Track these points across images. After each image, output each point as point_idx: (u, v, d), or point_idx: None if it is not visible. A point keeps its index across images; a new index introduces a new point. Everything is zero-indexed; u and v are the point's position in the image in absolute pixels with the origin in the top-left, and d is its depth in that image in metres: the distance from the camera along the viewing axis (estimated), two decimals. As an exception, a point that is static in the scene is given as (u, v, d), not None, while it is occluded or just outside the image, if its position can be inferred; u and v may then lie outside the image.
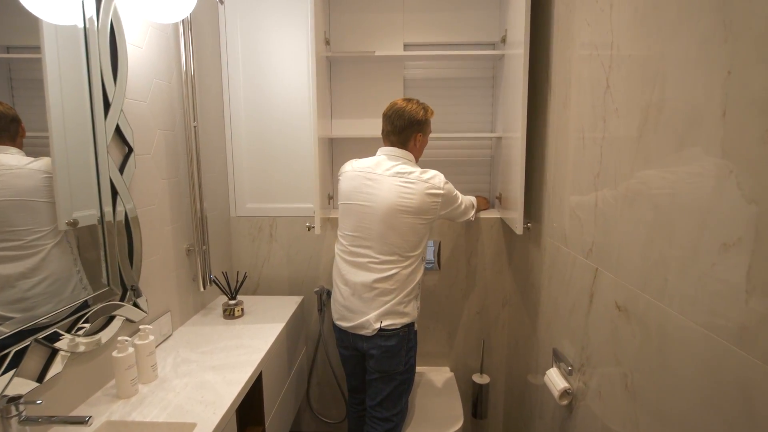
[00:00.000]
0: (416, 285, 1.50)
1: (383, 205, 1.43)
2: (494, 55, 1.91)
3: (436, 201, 1.45)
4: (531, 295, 1.68)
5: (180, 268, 1.58)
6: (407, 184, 1.43)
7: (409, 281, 1.48)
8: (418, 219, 1.44)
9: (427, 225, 1.48)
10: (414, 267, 1.48)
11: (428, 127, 1.55)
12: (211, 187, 1.84)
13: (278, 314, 1.72)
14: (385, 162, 1.48)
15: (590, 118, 1.15)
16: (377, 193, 1.45)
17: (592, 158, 1.14)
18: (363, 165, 1.50)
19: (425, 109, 1.52)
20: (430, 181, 1.44)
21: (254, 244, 2.04)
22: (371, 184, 1.46)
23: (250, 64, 1.94)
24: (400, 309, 1.46)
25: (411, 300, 1.49)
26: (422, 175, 1.45)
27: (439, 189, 1.45)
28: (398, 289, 1.46)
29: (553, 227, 1.46)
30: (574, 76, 1.27)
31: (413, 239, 1.46)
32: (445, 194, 1.46)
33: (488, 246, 1.97)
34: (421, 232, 1.48)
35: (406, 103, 1.50)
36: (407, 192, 1.42)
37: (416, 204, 1.42)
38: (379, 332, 1.44)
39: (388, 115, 1.50)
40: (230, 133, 1.97)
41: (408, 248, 1.46)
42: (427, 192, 1.43)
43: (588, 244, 1.17)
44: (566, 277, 1.32)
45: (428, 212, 1.45)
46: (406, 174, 1.44)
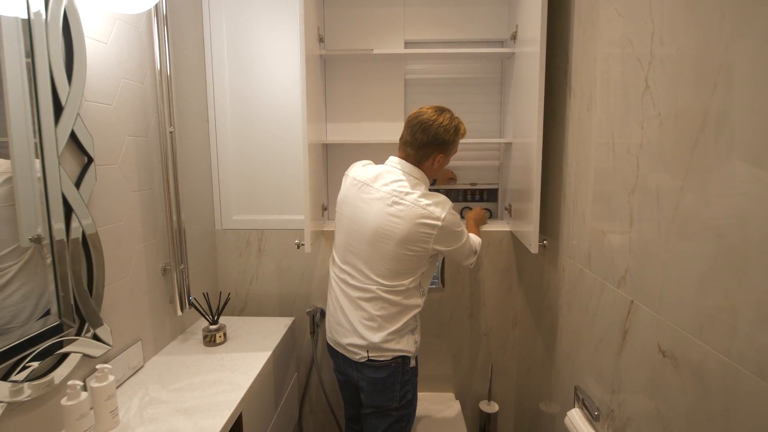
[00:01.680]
0: (411, 319, 1.29)
1: (370, 227, 1.25)
2: (503, 53, 1.74)
3: (429, 233, 1.21)
4: (546, 319, 1.51)
5: (154, 290, 1.41)
6: (397, 206, 1.22)
7: (401, 314, 1.27)
8: (403, 249, 1.22)
9: (418, 258, 1.24)
10: (405, 299, 1.27)
11: (454, 148, 1.31)
12: (192, 198, 1.67)
13: (265, 339, 1.55)
14: (386, 175, 1.28)
15: (623, 124, 0.98)
16: (366, 214, 1.27)
17: (626, 170, 0.97)
18: (364, 175, 1.32)
19: (457, 129, 1.28)
20: (427, 207, 1.21)
21: (241, 259, 1.87)
22: (365, 199, 1.28)
23: (237, 63, 1.77)
24: (391, 346, 1.27)
25: (406, 335, 1.30)
26: (420, 199, 1.21)
27: (436, 220, 1.21)
28: (386, 318, 1.26)
29: (572, 245, 1.29)
30: (600, 75, 1.10)
31: (401, 269, 1.25)
32: (444, 227, 1.22)
33: (496, 261, 1.81)
34: (409, 265, 1.25)
35: (437, 115, 1.26)
36: (394, 216, 1.21)
37: (402, 231, 1.20)
38: (368, 361, 1.28)
39: (412, 124, 1.27)
40: (215, 139, 1.81)
41: (395, 278, 1.25)
42: (420, 221, 1.20)
43: (620, 270, 1.00)
44: (591, 306, 1.15)
45: (416, 243, 1.21)
46: (402, 194, 1.23)
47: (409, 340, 1.30)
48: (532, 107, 1.36)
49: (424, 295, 1.33)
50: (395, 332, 1.27)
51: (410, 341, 1.31)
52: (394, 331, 1.26)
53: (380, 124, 1.88)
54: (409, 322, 1.29)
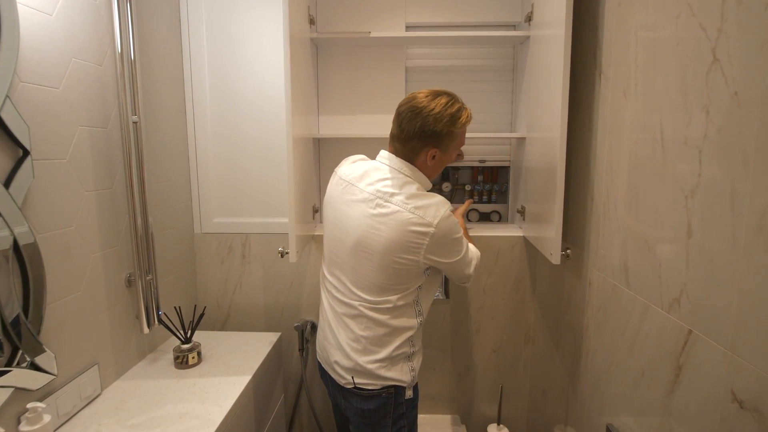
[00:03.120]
0: (404, 344, 1.08)
1: (352, 234, 1.05)
2: (516, 37, 1.55)
3: (419, 242, 0.99)
4: (567, 339, 1.32)
5: (116, 304, 1.22)
6: (381, 209, 1.01)
7: (389, 337, 1.06)
8: (389, 260, 1.00)
9: (407, 271, 1.02)
10: (393, 319, 1.05)
11: (453, 140, 1.05)
12: (166, 198, 1.48)
13: (246, 360, 1.36)
14: (373, 173, 1.07)
15: (677, 110, 0.79)
16: (348, 218, 1.07)
17: (683, 167, 0.78)
18: (351, 173, 1.11)
19: (453, 118, 1.01)
20: (418, 211, 0.99)
21: (223, 266, 1.68)
22: (348, 201, 1.07)
23: (217, 46, 1.58)
24: (382, 373, 1.07)
25: (399, 362, 1.09)
26: (408, 201, 1.00)
27: (427, 226, 0.98)
28: (372, 341, 1.06)
29: (600, 255, 1.10)
30: (642, 52, 0.91)
31: (388, 284, 1.03)
32: (437, 235, 0.99)
33: (508, 270, 1.62)
34: (397, 279, 1.03)
35: (430, 99, 1.01)
36: (377, 221, 1.01)
37: (386, 239, 0.99)
38: (355, 389, 1.09)
39: (399, 112, 1.05)
40: (193, 132, 1.62)
41: (380, 293, 1.04)
42: (408, 227, 0.98)
43: (672, 291, 0.81)
44: (629, 331, 0.96)
45: (404, 254, 1.00)
46: (386, 196, 1.01)
47: (403, 368, 1.09)
48: (554, 97, 1.17)
49: (421, 315, 1.10)
50: (386, 359, 1.06)
51: (405, 369, 1.09)
52: (384, 357, 1.06)
53: (378, 117, 1.69)
54: (402, 347, 1.08)
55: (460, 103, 1.04)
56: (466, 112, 1.04)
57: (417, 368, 1.13)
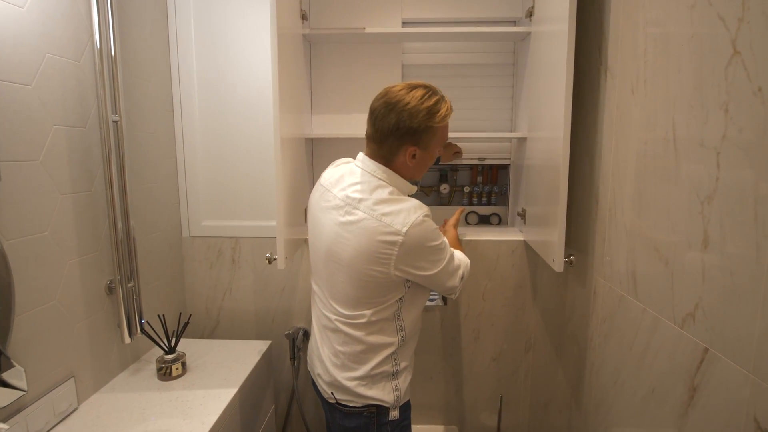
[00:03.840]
0: (386, 361, 0.99)
1: (324, 243, 0.99)
2: (516, 33, 1.49)
3: (387, 252, 0.89)
4: (570, 350, 1.26)
5: (95, 313, 1.16)
6: (348, 216, 0.93)
7: (366, 354, 0.98)
8: (357, 272, 0.92)
9: (378, 284, 0.93)
10: (368, 335, 0.97)
11: (433, 137, 0.96)
12: (153, 200, 1.42)
13: (233, 371, 1.29)
14: (347, 177, 0.99)
15: (692, 107, 0.73)
16: (322, 227, 0.99)
17: (698, 170, 0.71)
18: (329, 177, 1.04)
19: (431, 112, 0.92)
20: (385, 218, 0.89)
21: (212, 271, 1.62)
22: (323, 208, 1.00)
23: (207, 43, 1.52)
24: (361, 392, 0.99)
25: (381, 380, 1.00)
26: (376, 207, 0.91)
27: (395, 234, 0.88)
28: (350, 357, 0.99)
29: (606, 262, 1.04)
30: (652, 46, 0.85)
31: (361, 297, 0.95)
32: (406, 243, 0.89)
33: (507, 276, 1.55)
34: (370, 292, 0.94)
35: (405, 92, 0.93)
36: (345, 229, 0.93)
37: (352, 249, 0.92)
38: (337, 404, 1.02)
39: (373, 109, 0.96)
40: (181, 132, 1.55)
41: (355, 307, 0.96)
42: (375, 237, 0.89)
43: (686, 304, 0.74)
44: (638, 345, 0.90)
45: (373, 265, 0.91)
46: (355, 202, 0.93)
47: (386, 387, 1.00)
48: (557, 96, 1.10)
49: (403, 330, 1.00)
50: (365, 377, 0.99)
51: (387, 388, 1.00)
52: (362, 375, 0.98)
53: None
54: (383, 366, 0.99)
55: (438, 95, 0.96)
56: (445, 105, 0.95)
57: (404, 387, 1.03)
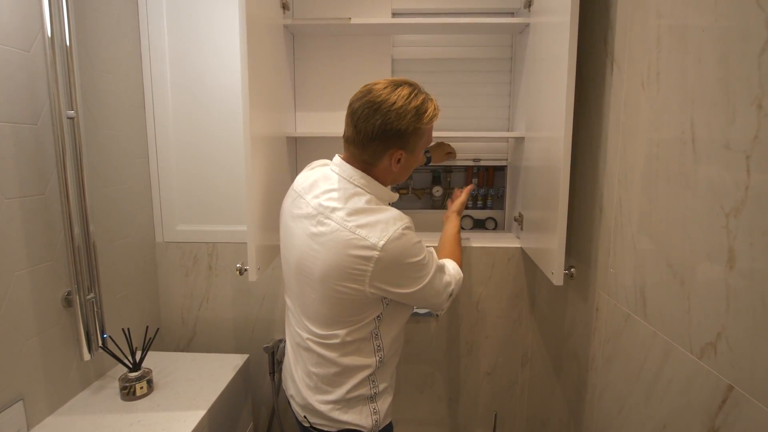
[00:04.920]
0: (362, 384, 0.90)
1: (294, 256, 0.90)
2: (514, 24, 1.38)
3: (361, 269, 0.80)
4: (569, 368, 1.16)
5: (50, 328, 1.06)
6: (321, 227, 0.84)
7: (341, 377, 0.89)
8: (329, 289, 0.83)
9: (352, 302, 0.84)
10: (343, 356, 0.88)
11: (422, 139, 0.87)
12: (119, 203, 1.31)
13: (204, 389, 1.19)
14: (321, 182, 0.89)
15: (714, 104, 0.63)
16: (292, 237, 0.90)
17: (722, 176, 0.61)
18: (303, 182, 0.94)
19: (418, 112, 0.83)
20: (360, 230, 0.80)
21: (188, 279, 1.51)
22: (295, 216, 0.90)
23: (181, 35, 1.41)
24: (336, 416, 0.90)
25: (358, 404, 0.91)
26: (350, 218, 0.81)
27: (371, 249, 0.79)
28: (324, 379, 0.90)
29: (609, 276, 0.94)
30: (666, 34, 0.75)
31: (333, 315, 0.86)
32: (383, 259, 0.79)
33: (503, 285, 1.45)
34: (343, 310, 0.85)
35: (389, 91, 0.82)
36: (316, 241, 0.84)
37: (323, 264, 0.82)
38: (311, 428, 0.94)
39: (353, 110, 0.84)
40: (153, 130, 1.45)
41: (328, 326, 0.87)
42: (348, 251, 0.80)
43: (706, 333, 0.64)
44: (647, 372, 0.80)
45: (345, 282, 0.82)
46: (327, 211, 0.84)
47: (363, 411, 0.91)
48: (558, 92, 1.00)
49: (381, 350, 0.91)
50: (340, 401, 0.90)
51: (365, 412, 0.92)
52: (337, 399, 0.89)
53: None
54: (359, 389, 0.90)
55: (424, 93, 0.86)
56: (432, 105, 0.86)
57: (383, 410, 0.94)
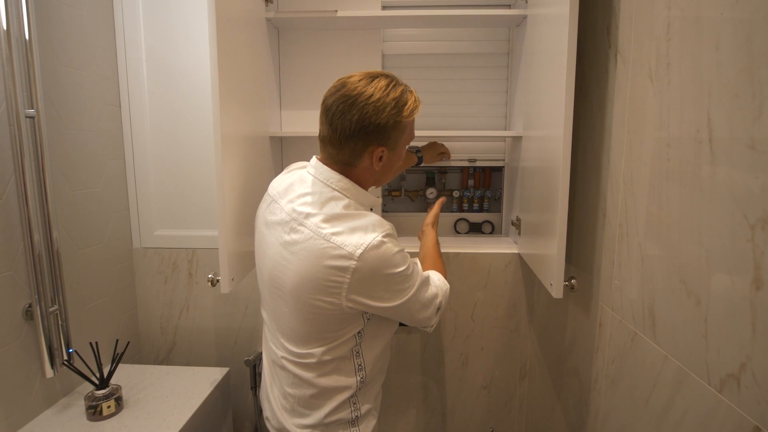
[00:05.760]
0: (342, 406, 0.82)
1: (267, 266, 0.82)
2: (511, 17, 1.30)
3: (339, 279, 0.72)
4: (570, 386, 1.07)
5: (9, 342, 0.98)
6: (294, 234, 0.76)
7: (319, 399, 0.81)
8: (302, 300, 0.75)
9: (328, 317, 0.76)
10: (320, 377, 0.80)
11: (403, 134, 0.79)
12: (90, 208, 1.24)
13: (178, 407, 1.11)
14: (297, 186, 0.82)
15: (735, 97, 0.54)
16: (266, 246, 0.83)
17: (746, 182, 0.52)
18: (279, 185, 0.87)
19: (398, 105, 0.76)
20: (335, 238, 0.72)
21: (167, 286, 1.44)
22: (269, 223, 0.83)
23: (160, 29, 1.33)
24: None
25: (338, 429, 0.83)
26: (328, 224, 0.74)
27: (347, 258, 0.71)
28: (300, 401, 0.82)
29: (613, 288, 0.85)
30: (678, 19, 0.66)
31: (308, 332, 0.78)
32: (360, 270, 0.72)
33: (500, 293, 1.37)
34: (318, 326, 0.78)
35: (365, 84, 0.75)
36: (289, 248, 0.76)
37: (297, 273, 0.74)
38: None
39: (327, 106, 0.77)
40: (129, 130, 1.37)
41: (303, 343, 0.80)
42: (324, 261, 0.72)
43: (727, 362, 0.56)
44: (657, 400, 0.71)
45: (320, 293, 0.74)
46: (301, 217, 0.76)
47: None
48: (557, 87, 0.92)
49: (362, 370, 0.83)
50: (318, 426, 0.81)
51: None
52: (314, 424, 0.81)
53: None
54: (339, 412, 0.82)
55: (403, 85, 0.79)
56: (412, 96, 0.79)
57: None
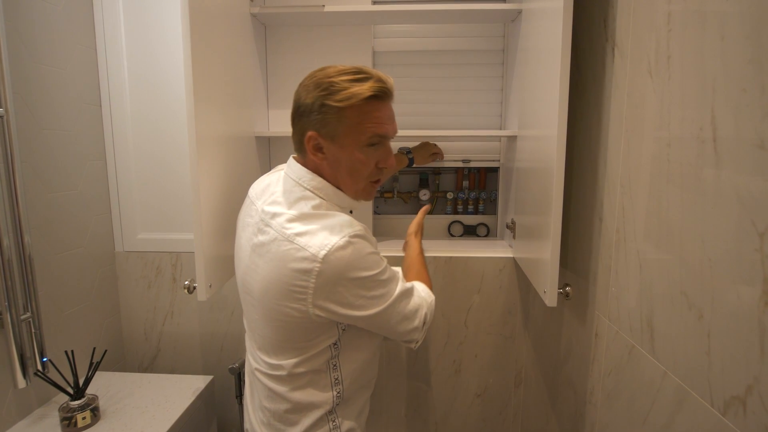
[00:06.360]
0: (320, 422, 0.76)
1: (240, 270, 0.79)
2: (506, 11, 1.25)
3: (303, 283, 0.66)
4: (565, 397, 1.03)
5: (-22, 352, 0.94)
6: (261, 235, 0.72)
7: (293, 414, 0.75)
8: (269, 307, 0.70)
9: (298, 324, 0.70)
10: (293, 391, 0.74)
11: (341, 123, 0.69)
12: (69, 210, 1.19)
13: (158, 417, 1.07)
14: (274, 185, 0.78)
15: (744, 91, 0.49)
16: (240, 249, 0.79)
17: (755, 186, 0.48)
18: (258, 186, 0.83)
19: (336, 86, 0.67)
20: (299, 239, 0.67)
21: (151, 291, 1.39)
22: (245, 224, 0.79)
23: (140, 27, 1.28)
24: None
25: None
26: (292, 224, 0.68)
27: (311, 260, 0.65)
28: (276, 416, 0.76)
29: (610, 296, 0.80)
30: (679, 7, 0.61)
31: (279, 341, 0.73)
32: (325, 273, 0.65)
33: (494, 299, 1.32)
34: (288, 335, 0.72)
35: (320, 70, 0.71)
36: (257, 250, 0.72)
37: (263, 277, 0.70)
38: None
39: None
40: (111, 130, 1.32)
41: (274, 354, 0.75)
42: (288, 264, 0.66)
43: (732, 383, 0.51)
44: (656, 418, 0.66)
45: (286, 299, 0.68)
46: (269, 217, 0.72)
47: None
48: (551, 84, 0.87)
49: (339, 384, 0.76)
50: None
51: None
52: None
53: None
54: (317, 428, 0.76)
55: (367, 74, 0.70)
56: (367, 85, 0.67)
57: None
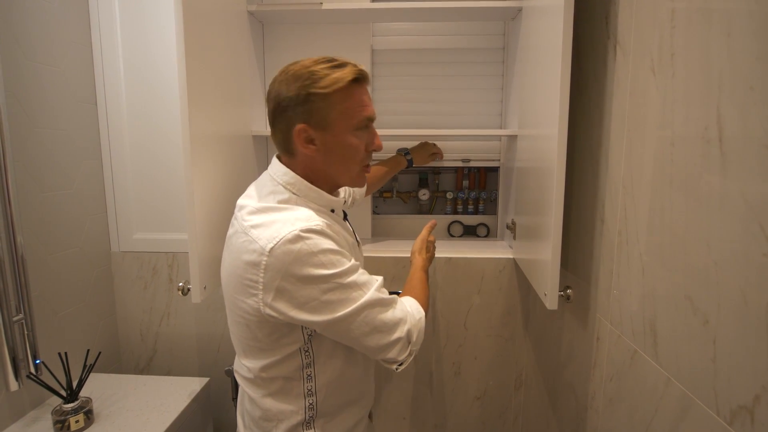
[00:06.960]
0: None
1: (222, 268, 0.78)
2: (506, 9, 1.23)
3: (253, 278, 0.64)
4: (566, 402, 1.01)
5: (-31, 354, 0.93)
6: (230, 228, 0.74)
7: (267, 422, 0.73)
8: (230, 302, 0.71)
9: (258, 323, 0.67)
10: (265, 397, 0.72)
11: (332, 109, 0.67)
12: (65, 210, 1.18)
13: (152, 420, 1.05)
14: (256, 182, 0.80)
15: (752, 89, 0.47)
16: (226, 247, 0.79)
17: (764, 188, 0.46)
18: (250, 186, 0.82)
19: (313, 76, 0.66)
20: (253, 230, 0.65)
21: (147, 292, 1.38)
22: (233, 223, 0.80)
23: (136, 25, 1.27)
24: None
25: None
26: (252, 216, 0.68)
27: (259, 253, 0.63)
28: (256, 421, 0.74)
29: (612, 299, 0.79)
30: (683, 3, 0.59)
31: (244, 339, 0.71)
32: (272, 267, 0.62)
33: (494, 300, 1.30)
34: (248, 332, 0.69)
35: (293, 64, 0.70)
36: (226, 244, 0.74)
37: (226, 270, 0.71)
38: None
39: None
40: (106, 129, 1.31)
41: (244, 353, 0.74)
42: (241, 257, 0.65)
43: (738, 392, 0.49)
44: (658, 426, 0.64)
45: (242, 293, 0.66)
46: (237, 210, 0.74)
47: None
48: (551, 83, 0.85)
49: (312, 396, 0.72)
50: None
51: None
52: None
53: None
54: None
55: (342, 60, 0.69)
56: (347, 70, 0.67)
57: None
